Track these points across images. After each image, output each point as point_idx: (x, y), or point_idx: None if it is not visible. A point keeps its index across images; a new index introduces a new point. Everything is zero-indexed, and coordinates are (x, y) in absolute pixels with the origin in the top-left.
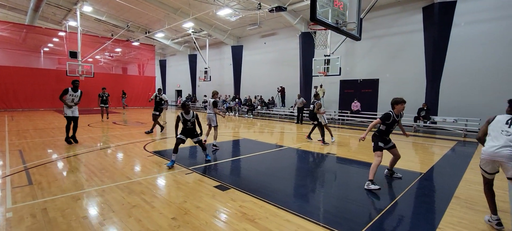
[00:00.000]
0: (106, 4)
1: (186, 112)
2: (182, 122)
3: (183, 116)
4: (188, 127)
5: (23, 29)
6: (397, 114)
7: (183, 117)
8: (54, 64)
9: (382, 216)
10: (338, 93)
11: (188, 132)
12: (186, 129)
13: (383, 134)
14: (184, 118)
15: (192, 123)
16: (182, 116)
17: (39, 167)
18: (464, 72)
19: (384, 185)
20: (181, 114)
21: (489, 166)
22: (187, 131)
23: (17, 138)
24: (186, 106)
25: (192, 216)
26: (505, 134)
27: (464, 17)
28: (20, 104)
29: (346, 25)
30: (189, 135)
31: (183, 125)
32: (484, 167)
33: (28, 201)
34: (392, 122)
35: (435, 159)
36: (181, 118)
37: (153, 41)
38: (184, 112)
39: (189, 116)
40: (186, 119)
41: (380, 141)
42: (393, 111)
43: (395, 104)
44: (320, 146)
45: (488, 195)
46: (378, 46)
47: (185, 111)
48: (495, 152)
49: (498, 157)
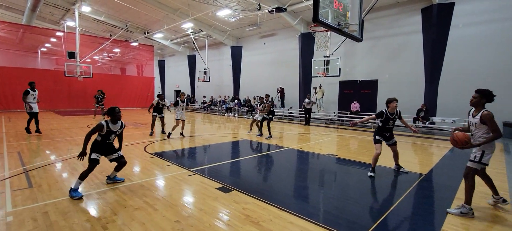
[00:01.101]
0: (105, 4)
1: (113, 121)
2: (104, 134)
3: (108, 125)
4: (108, 142)
5: (20, 29)
6: (392, 112)
7: (109, 126)
8: (52, 65)
9: (385, 218)
10: (337, 94)
11: (107, 148)
12: (105, 144)
13: (381, 130)
14: (109, 128)
15: (116, 135)
16: (107, 125)
17: (38, 169)
18: (463, 73)
19: (386, 187)
20: (107, 123)
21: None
22: (105, 147)
23: (15, 140)
24: (116, 113)
25: (196, 219)
26: None
27: (463, 18)
28: (17, 105)
29: (348, 27)
30: (107, 152)
31: (103, 139)
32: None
33: (28, 204)
34: (386, 119)
35: (434, 160)
36: (105, 128)
37: (152, 42)
38: (111, 120)
39: (116, 126)
40: (111, 130)
41: (378, 135)
42: (387, 110)
43: (388, 103)
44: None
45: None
46: (377, 47)
47: (112, 119)
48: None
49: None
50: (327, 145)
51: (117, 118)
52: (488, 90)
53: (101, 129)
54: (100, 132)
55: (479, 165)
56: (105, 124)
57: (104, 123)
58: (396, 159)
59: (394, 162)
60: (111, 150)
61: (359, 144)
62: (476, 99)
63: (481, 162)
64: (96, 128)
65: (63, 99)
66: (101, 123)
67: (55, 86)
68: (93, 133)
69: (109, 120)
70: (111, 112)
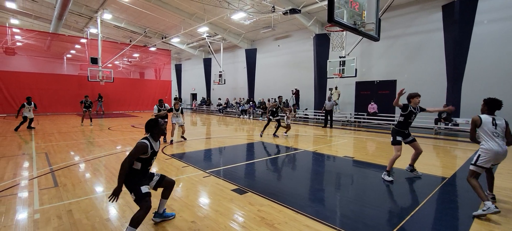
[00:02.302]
0: (125, 11)
1: (156, 138)
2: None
3: (150, 143)
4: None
5: (47, 37)
6: (414, 107)
7: (152, 146)
8: (76, 70)
9: (405, 223)
10: (353, 95)
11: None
12: (147, 169)
13: (402, 126)
14: (152, 149)
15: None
16: (150, 144)
17: (64, 169)
18: (488, 72)
19: (406, 191)
20: (148, 141)
21: (491, 163)
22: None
23: (43, 141)
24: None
25: (211, 220)
26: (495, 135)
27: (487, 14)
28: (45, 108)
29: (365, 26)
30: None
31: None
32: (485, 164)
33: (54, 203)
34: (410, 113)
35: (458, 163)
36: (149, 149)
37: (169, 46)
38: (152, 137)
39: (157, 145)
40: (155, 150)
41: (398, 135)
42: (410, 105)
43: (410, 98)
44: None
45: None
46: (395, 47)
47: (155, 136)
48: (498, 152)
49: (500, 155)
50: (344, 147)
51: (162, 133)
52: (491, 100)
53: (144, 150)
54: (142, 156)
55: (474, 166)
56: (147, 143)
57: (146, 142)
58: (416, 158)
59: (411, 161)
60: (150, 175)
61: (376, 146)
62: (482, 107)
63: (476, 164)
64: (136, 151)
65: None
66: (143, 143)
67: (79, 90)
68: (133, 159)
69: (149, 136)
70: (154, 126)
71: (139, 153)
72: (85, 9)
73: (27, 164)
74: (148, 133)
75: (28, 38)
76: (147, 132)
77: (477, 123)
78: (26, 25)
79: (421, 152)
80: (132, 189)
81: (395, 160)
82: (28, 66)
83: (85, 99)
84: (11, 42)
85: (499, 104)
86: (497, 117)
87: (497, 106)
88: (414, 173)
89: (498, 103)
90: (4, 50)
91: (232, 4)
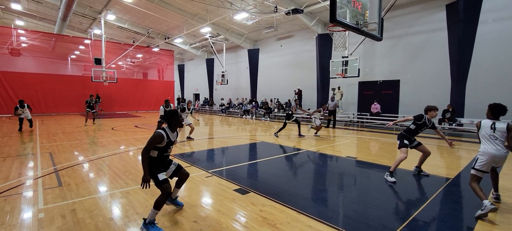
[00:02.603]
0: (128, 12)
1: (173, 128)
2: (163, 146)
3: (167, 134)
4: (165, 155)
5: (52, 38)
6: (429, 120)
7: (168, 136)
8: (80, 71)
9: (408, 224)
10: (356, 95)
11: (165, 164)
12: (162, 158)
13: (410, 133)
14: (168, 138)
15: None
16: (166, 135)
17: (67, 169)
18: (493, 71)
19: (409, 191)
20: (165, 131)
21: (487, 166)
22: (166, 160)
23: (47, 141)
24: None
25: (213, 220)
26: (493, 138)
27: (492, 13)
28: (49, 109)
29: (367, 26)
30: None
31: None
32: (483, 168)
33: (58, 202)
34: (423, 123)
35: (463, 163)
36: (165, 138)
37: (172, 47)
38: (169, 127)
39: (173, 135)
40: (171, 140)
41: (405, 139)
42: (426, 116)
43: (428, 111)
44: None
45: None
46: (398, 46)
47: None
48: (495, 155)
49: (498, 158)
50: (346, 147)
51: (179, 124)
52: (495, 105)
53: (160, 140)
54: (158, 145)
55: (474, 171)
56: (164, 133)
57: (162, 132)
58: (423, 160)
59: (418, 163)
60: (167, 163)
61: (380, 146)
62: (487, 111)
63: (475, 168)
64: (153, 141)
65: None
66: (159, 133)
67: (83, 90)
68: (150, 148)
69: (166, 127)
70: (172, 117)
71: (155, 142)
72: (89, 10)
73: (32, 163)
74: (166, 122)
75: (33, 39)
76: (165, 121)
77: (477, 126)
78: (31, 26)
79: (429, 153)
80: (151, 176)
81: (400, 162)
82: (33, 67)
83: (90, 98)
84: (16, 43)
85: (503, 109)
86: (499, 121)
87: (501, 111)
88: (422, 173)
89: (502, 109)
90: (10, 51)
91: (234, 5)
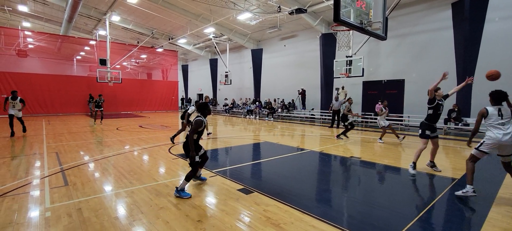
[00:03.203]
0: (133, 13)
1: (205, 117)
2: (201, 130)
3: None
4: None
5: (58, 39)
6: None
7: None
8: (85, 72)
9: (413, 225)
10: (360, 95)
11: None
12: (199, 140)
13: (432, 120)
14: (205, 125)
15: None
16: (204, 120)
17: (73, 169)
18: (500, 70)
19: (415, 191)
20: (202, 118)
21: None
22: (199, 144)
23: (53, 141)
24: (209, 108)
25: (217, 219)
26: (501, 124)
27: (499, 11)
28: (55, 109)
29: (371, 25)
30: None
31: (198, 137)
32: (487, 150)
33: (64, 201)
34: (437, 105)
35: None
36: (204, 124)
37: (176, 47)
38: (204, 115)
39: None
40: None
41: (427, 128)
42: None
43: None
44: (340, 144)
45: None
46: (403, 45)
47: (205, 115)
48: (502, 139)
49: (505, 142)
50: (351, 147)
51: (210, 112)
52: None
53: (201, 125)
54: (199, 129)
55: (477, 151)
56: (203, 119)
57: (202, 118)
58: (434, 154)
59: (431, 157)
60: (200, 147)
61: (384, 146)
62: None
63: (479, 149)
64: (196, 126)
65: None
66: (200, 119)
67: (89, 91)
68: (194, 132)
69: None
70: (205, 108)
71: (198, 127)
72: (94, 12)
73: (38, 163)
74: (200, 113)
75: (39, 41)
76: (200, 112)
77: (484, 114)
78: (38, 27)
79: (437, 146)
80: (189, 156)
81: (421, 152)
82: (39, 68)
83: (99, 97)
84: (23, 45)
85: (504, 95)
86: (503, 107)
87: (503, 97)
88: (435, 168)
89: (503, 95)
90: (17, 52)
91: (238, 5)
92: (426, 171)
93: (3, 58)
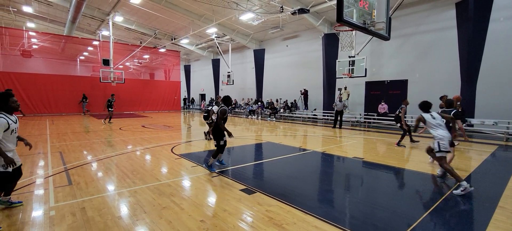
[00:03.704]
0: (136, 13)
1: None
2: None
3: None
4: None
5: (62, 39)
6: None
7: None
8: (89, 72)
9: (416, 226)
10: (363, 95)
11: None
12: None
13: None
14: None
15: None
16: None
17: (77, 168)
18: (504, 71)
19: (418, 193)
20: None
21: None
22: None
23: (57, 141)
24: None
25: (220, 219)
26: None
27: (503, 11)
28: (59, 109)
29: (374, 25)
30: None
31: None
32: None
33: (68, 201)
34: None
35: (473, 164)
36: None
37: (178, 47)
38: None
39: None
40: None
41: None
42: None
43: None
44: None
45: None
46: (406, 46)
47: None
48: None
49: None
50: (353, 147)
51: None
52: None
53: (225, 113)
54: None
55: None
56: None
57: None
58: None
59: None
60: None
61: (387, 147)
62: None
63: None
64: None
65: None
66: (225, 108)
67: (92, 91)
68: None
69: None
70: (228, 100)
71: (224, 115)
72: (97, 12)
73: (43, 162)
74: (224, 103)
75: (43, 41)
76: (224, 103)
77: (422, 120)
78: (42, 28)
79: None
80: (217, 140)
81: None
82: (43, 68)
83: (111, 97)
84: (27, 45)
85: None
86: (432, 113)
87: (429, 106)
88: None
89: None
90: (21, 52)
91: (240, 5)
92: (429, 172)
93: (8, 59)
